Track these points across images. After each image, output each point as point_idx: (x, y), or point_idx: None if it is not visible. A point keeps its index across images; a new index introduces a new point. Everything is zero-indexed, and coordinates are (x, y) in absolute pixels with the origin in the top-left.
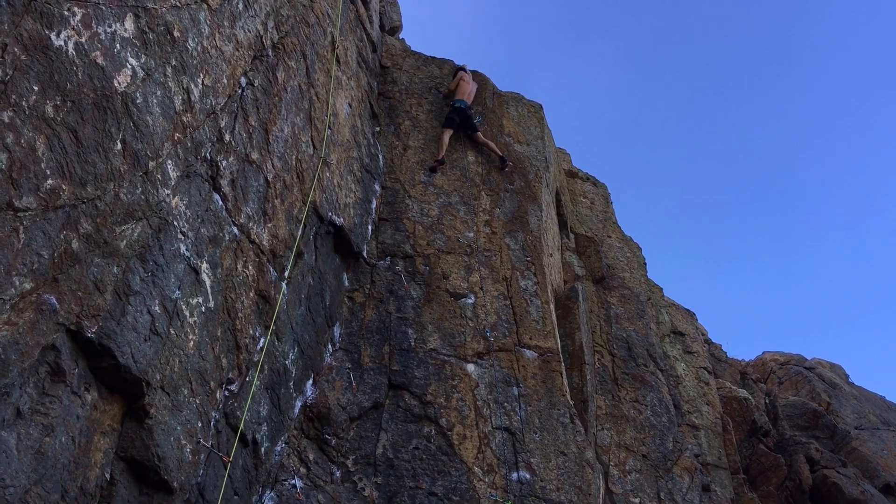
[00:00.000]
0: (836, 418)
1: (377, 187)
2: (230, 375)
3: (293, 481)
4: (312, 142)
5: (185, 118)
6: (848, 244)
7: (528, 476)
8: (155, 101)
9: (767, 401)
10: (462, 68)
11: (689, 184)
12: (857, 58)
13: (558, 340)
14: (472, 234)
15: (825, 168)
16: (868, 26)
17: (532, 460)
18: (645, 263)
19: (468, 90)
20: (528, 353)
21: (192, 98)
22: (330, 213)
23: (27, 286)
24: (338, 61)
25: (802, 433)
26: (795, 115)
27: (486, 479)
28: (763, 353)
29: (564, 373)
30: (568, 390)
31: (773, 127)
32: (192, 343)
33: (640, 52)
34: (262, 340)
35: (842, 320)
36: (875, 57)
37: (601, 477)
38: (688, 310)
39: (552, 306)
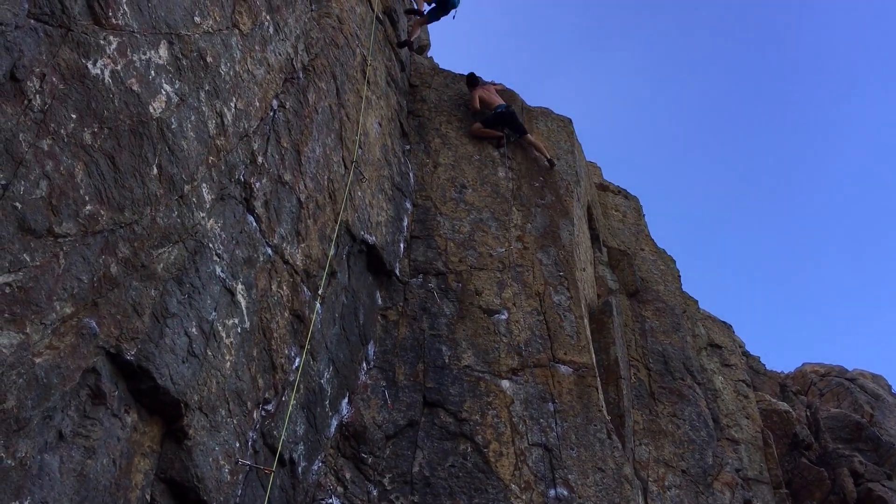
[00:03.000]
0: (879, 430)
1: (408, 205)
2: (266, 395)
3: (330, 500)
4: (344, 162)
5: (218, 142)
6: (888, 252)
7: (565, 493)
8: (189, 125)
9: (808, 413)
10: (471, 83)
11: (723, 193)
12: None
13: (593, 355)
14: (503, 250)
15: (863, 173)
16: None
17: (569, 477)
18: (679, 276)
19: (489, 95)
20: (563, 368)
21: (226, 122)
22: (362, 232)
23: (68, 311)
24: (367, 81)
25: (845, 446)
26: (834, 119)
27: (524, 497)
28: (803, 364)
29: (600, 388)
30: (604, 405)
31: (809, 133)
32: (228, 364)
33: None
34: (297, 360)
35: (883, 330)
36: None
37: (640, 493)
38: (724, 322)
39: (586, 321)
